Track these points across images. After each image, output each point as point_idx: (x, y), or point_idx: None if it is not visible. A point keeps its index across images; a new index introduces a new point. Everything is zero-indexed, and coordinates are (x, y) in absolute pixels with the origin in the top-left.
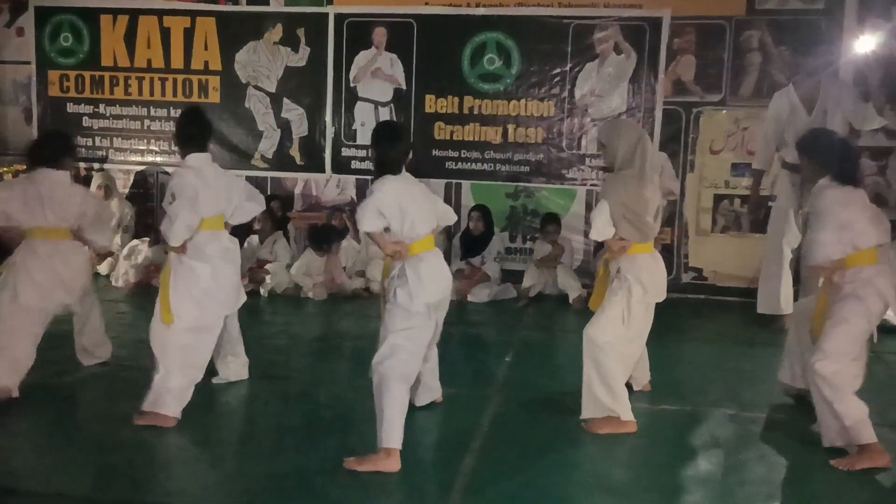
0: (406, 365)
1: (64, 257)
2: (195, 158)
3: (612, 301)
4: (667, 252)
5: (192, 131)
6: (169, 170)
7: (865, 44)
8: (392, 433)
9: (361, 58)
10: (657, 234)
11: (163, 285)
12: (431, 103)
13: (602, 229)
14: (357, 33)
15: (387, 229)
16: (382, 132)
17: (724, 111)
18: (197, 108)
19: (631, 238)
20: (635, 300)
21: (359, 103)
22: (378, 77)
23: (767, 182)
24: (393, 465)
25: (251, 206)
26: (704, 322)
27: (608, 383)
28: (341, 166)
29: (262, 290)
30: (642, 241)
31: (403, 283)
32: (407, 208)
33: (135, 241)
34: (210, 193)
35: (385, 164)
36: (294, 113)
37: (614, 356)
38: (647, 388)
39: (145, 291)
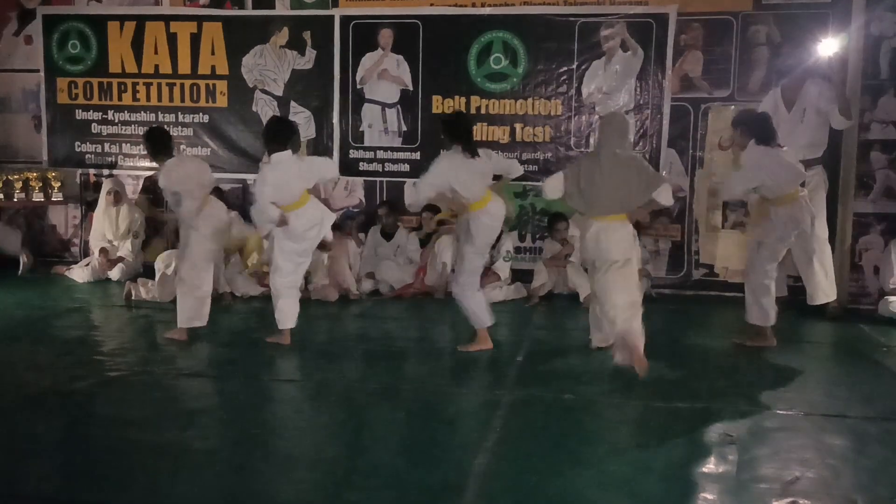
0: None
1: None
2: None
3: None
4: (677, 249)
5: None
6: None
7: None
8: (480, 318)
9: (368, 59)
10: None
11: None
12: (438, 104)
13: None
14: (363, 35)
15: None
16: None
17: (733, 107)
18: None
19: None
20: None
21: (366, 105)
22: (385, 78)
23: None
24: (488, 342)
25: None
26: (716, 319)
27: None
28: (349, 168)
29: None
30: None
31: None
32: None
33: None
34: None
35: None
36: (301, 116)
37: None
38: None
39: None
